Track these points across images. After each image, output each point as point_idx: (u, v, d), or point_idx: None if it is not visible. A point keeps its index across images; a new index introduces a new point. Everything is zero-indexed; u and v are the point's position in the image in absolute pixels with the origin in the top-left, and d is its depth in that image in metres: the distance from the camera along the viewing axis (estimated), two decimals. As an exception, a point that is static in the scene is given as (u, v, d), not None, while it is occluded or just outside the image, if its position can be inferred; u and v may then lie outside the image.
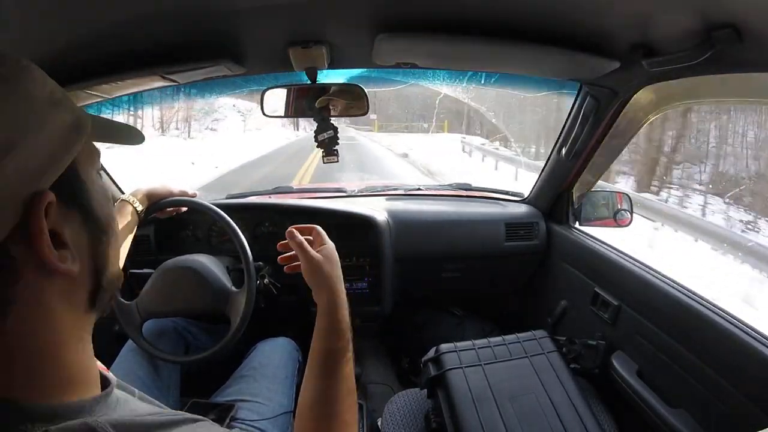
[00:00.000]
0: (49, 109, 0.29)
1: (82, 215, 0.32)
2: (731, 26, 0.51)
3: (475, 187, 1.63)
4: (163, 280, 0.91)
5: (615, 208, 1.26)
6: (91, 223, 0.32)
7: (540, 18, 0.64)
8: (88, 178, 0.33)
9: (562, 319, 1.23)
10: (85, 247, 0.32)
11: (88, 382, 0.32)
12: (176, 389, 0.94)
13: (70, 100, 0.31)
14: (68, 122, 0.30)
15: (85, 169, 0.33)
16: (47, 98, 0.29)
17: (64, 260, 0.29)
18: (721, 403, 0.70)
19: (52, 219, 0.28)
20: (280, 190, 1.52)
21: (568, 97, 1.07)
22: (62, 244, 0.29)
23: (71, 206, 0.31)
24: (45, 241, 0.27)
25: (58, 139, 0.29)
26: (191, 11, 0.58)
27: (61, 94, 0.30)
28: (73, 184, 0.31)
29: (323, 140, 0.91)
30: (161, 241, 1.16)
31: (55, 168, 0.29)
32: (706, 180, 10.81)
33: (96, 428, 0.27)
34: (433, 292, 1.52)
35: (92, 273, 0.33)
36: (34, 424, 0.26)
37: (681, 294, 0.82)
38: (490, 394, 0.80)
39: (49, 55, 0.61)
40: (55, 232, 0.29)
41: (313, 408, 0.50)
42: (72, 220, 0.31)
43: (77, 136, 0.31)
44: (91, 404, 0.31)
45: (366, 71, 0.97)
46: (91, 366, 0.34)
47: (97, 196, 0.34)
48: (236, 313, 0.88)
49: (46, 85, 0.29)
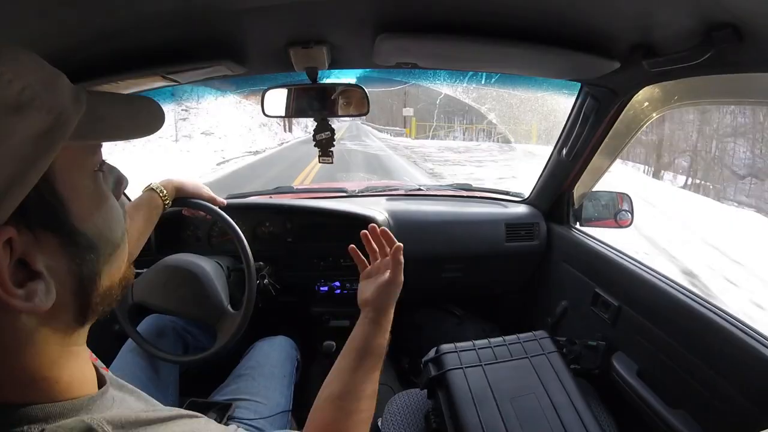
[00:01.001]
0: (11, 117, 0.22)
1: (60, 237, 0.27)
2: (731, 26, 0.51)
3: (475, 188, 1.63)
4: (165, 275, 0.91)
5: (616, 208, 1.26)
6: (73, 245, 0.28)
7: (540, 18, 0.64)
8: (69, 189, 0.27)
9: (563, 320, 1.23)
10: (65, 270, 0.28)
11: (82, 384, 0.32)
12: (175, 388, 0.94)
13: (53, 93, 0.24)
14: (38, 128, 0.23)
15: (66, 178, 0.27)
16: (11, 102, 0.22)
17: (32, 297, 0.25)
18: (721, 403, 0.70)
19: (18, 250, 0.25)
20: (281, 190, 1.52)
21: (570, 97, 1.07)
22: (33, 274, 0.26)
23: (44, 230, 0.26)
24: (3, 283, 0.24)
25: (17, 157, 0.22)
26: (192, 11, 0.58)
27: (38, 88, 0.23)
28: (44, 206, 0.26)
29: (321, 140, 0.91)
30: (161, 241, 1.16)
31: (16, 193, 0.23)
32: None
33: (92, 425, 0.27)
34: (433, 292, 1.52)
35: (77, 294, 0.29)
36: (30, 426, 0.26)
37: (681, 294, 0.82)
38: (490, 394, 0.80)
39: (50, 55, 0.61)
40: (25, 261, 0.25)
41: (339, 399, 0.51)
42: (46, 246, 0.27)
43: (51, 142, 0.24)
44: (87, 403, 0.30)
45: (366, 71, 0.97)
46: (86, 369, 0.33)
47: (83, 208, 0.29)
48: (225, 334, 0.88)
49: (13, 82, 0.22)
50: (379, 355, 0.57)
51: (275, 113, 0.93)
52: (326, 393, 0.53)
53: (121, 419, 0.29)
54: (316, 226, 1.23)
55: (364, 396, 0.52)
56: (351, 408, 0.51)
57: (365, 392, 0.52)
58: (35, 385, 0.28)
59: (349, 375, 0.53)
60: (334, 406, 0.51)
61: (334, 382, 0.54)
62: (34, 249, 0.26)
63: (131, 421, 0.30)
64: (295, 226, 1.23)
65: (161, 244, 1.16)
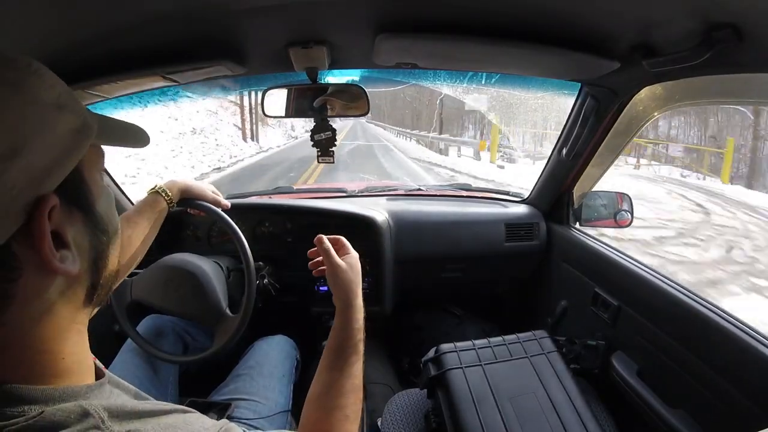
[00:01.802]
0: (56, 113, 0.29)
1: (85, 216, 0.33)
2: (731, 26, 0.51)
3: (475, 188, 1.63)
4: (164, 274, 0.91)
5: (615, 208, 1.26)
6: (93, 224, 0.33)
7: (540, 18, 0.64)
8: (92, 180, 0.34)
9: (562, 319, 1.23)
10: (87, 246, 0.33)
11: (82, 372, 0.33)
12: (174, 388, 0.94)
13: (78, 103, 0.31)
14: (74, 125, 0.30)
15: (89, 171, 0.33)
16: (54, 102, 0.29)
17: (64, 261, 0.30)
18: (721, 403, 0.70)
19: (55, 221, 0.29)
20: (281, 190, 1.53)
21: (570, 97, 1.07)
22: (64, 245, 0.30)
23: (74, 208, 0.32)
24: (47, 243, 0.28)
25: (63, 143, 0.29)
26: (192, 12, 0.58)
27: (69, 96, 0.30)
28: (77, 187, 0.32)
29: (320, 140, 0.91)
30: (161, 241, 1.16)
31: (60, 171, 0.29)
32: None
33: (89, 410, 0.28)
34: (433, 292, 1.52)
35: (92, 271, 0.34)
36: (30, 406, 0.27)
37: (681, 294, 0.82)
38: (490, 394, 0.80)
39: (51, 55, 0.61)
40: (58, 232, 0.30)
41: (319, 398, 0.52)
42: (75, 221, 0.32)
43: (83, 139, 0.31)
44: (85, 391, 0.32)
45: (366, 71, 0.97)
46: (86, 357, 0.35)
47: (99, 197, 0.34)
48: (221, 336, 0.88)
49: (54, 88, 0.29)
50: (353, 347, 0.56)
51: (275, 113, 0.93)
52: (309, 393, 0.54)
53: (118, 408, 0.31)
54: (316, 226, 1.23)
55: (344, 392, 0.53)
56: (331, 405, 0.51)
57: (344, 388, 0.53)
58: (40, 357, 0.30)
59: (327, 373, 0.54)
60: (316, 406, 0.52)
61: (315, 382, 0.55)
62: (66, 222, 0.30)
63: (127, 411, 0.31)
64: (295, 226, 1.23)
65: (161, 244, 1.15)
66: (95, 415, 0.28)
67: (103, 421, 0.28)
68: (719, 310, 0.75)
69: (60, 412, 0.27)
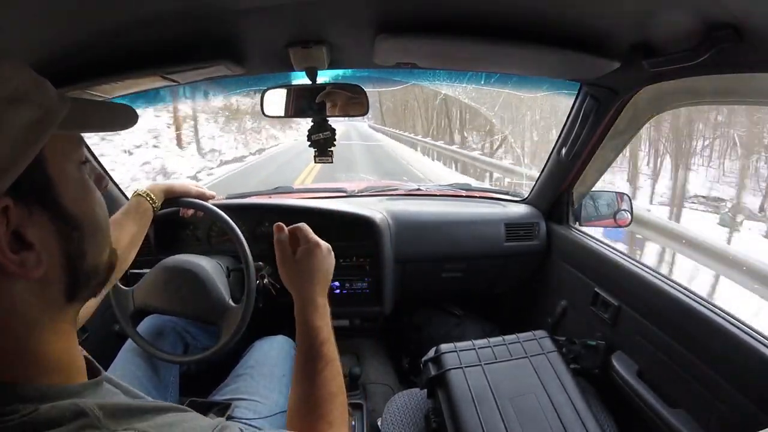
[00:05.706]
0: (6, 108, 0.26)
1: (50, 213, 0.31)
2: (731, 26, 0.51)
3: (475, 188, 1.63)
4: (164, 276, 0.91)
5: (615, 208, 1.26)
6: (60, 221, 0.31)
7: (540, 18, 0.64)
8: (58, 173, 0.31)
9: (562, 319, 1.23)
10: (55, 244, 0.31)
11: (71, 370, 0.33)
12: (175, 388, 0.94)
13: (43, 91, 0.28)
14: (30, 119, 0.27)
15: (55, 164, 0.31)
16: (7, 96, 0.26)
17: (25, 263, 0.29)
18: (721, 403, 0.70)
19: (13, 221, 0.28)
20: (281, 190, 1.52)
21: (569, 97, 1.07)
22: (26, 245, 0.29)
23: (36, 206, 0.30)
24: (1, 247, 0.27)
25: (14, 140, 0.27)
26: (191, 11, 0.58)
27: (30, 86, 0.28)
28: (37, 182, 0.30)
29: (318, 140, 0.91)
30: (161, 241, 1.16)
31: (12, 170, 0.27)
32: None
33: (84, 409, 0.28)
34: (433, 292, 1.52)
35: (66, 268, 0.32)
36: (24, 404, 0.27)
37: (681, 294, 0.82)
38: (490, 394, 0.80)
39: (50, 55, 0.61)
40: (18, 233, 0.28)
41: (299, 411, 0.51)
42: (38, 219, 0.30)
43: (41, 131, 0.28)
44: (80, 389, 0.31)
45: (366, 71, 0.97)
46: (75, 355, 0.34)
47: (70, 190, 0.32)
48: (228, 329, 0.88)
49: (11, 80, 0.27)
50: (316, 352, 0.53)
51: (274, 113, 0.93)
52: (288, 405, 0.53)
53: (113, 407, 0.30)
54: (316, 226, 1.23)
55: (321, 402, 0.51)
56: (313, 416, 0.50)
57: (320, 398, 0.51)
58: (24, 359, 0.30)
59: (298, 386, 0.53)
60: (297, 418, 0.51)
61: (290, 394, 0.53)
62: (26, 222, 0.29)
63: (122, 410, 0.31)
64: None
65: (161, 245, 1.16)
66: (90, 413, 0.28)
67: (99, 420, 0.28)
68: (719, 310, 0.75)
69: (55, 409, 0.27)
